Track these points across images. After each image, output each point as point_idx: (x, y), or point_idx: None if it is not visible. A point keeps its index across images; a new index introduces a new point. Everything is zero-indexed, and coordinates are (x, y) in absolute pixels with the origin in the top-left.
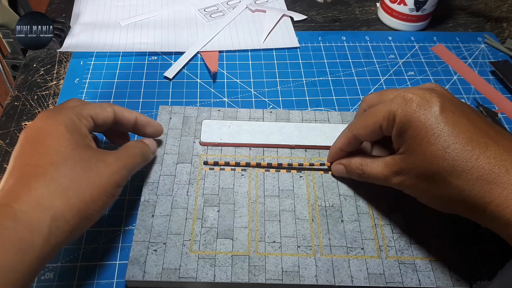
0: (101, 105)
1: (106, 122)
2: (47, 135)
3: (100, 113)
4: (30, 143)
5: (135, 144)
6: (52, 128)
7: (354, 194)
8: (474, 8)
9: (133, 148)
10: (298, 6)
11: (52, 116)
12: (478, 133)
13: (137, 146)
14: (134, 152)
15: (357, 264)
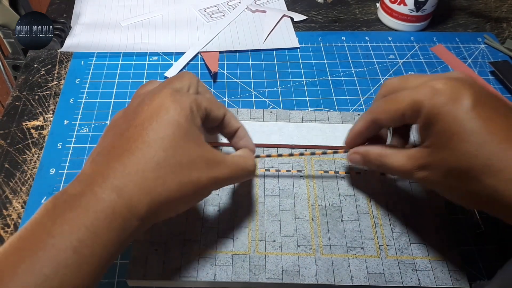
0: (217, 102)
1: (214, 122)
2: (167, 117)
3: (214, 111)
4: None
5: (249, 156)
6: (174, 112)
7: (354, 194)
8: (474, 8)
9: (245, 162)
10: (298, 7)
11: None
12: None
13: (249, 163)
14: (244, 166)
15: (357, 263)
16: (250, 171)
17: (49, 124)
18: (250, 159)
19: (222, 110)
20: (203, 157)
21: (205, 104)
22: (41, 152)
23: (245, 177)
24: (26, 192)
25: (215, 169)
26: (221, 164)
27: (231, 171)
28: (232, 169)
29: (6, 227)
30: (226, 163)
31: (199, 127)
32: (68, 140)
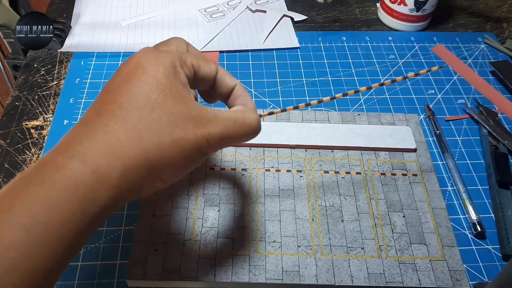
0: (205, 58)
1: (205, 79)
2: (143, 75)
3: (203, 66)
4: (123, 79)
5: (249, 110)
6: (151, 68)
7: (354, 194)
8: (474, 8)
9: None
10: (298, 7)
11: (154, 55)
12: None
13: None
14: (242, 121)
15: (357, 263)
16: (251, 125)
17: (49, 124)
18: (250, 113)
19: (214, 66)
20: (188, 114)
21: (191, 60)
22: (41, 152)
23: (247, 134)
24: None
25: (204, 126)
26: (213, 120)
27: (226, 127)
28: (227, 125)
29: None
30: (218, 119)
31: (184, 83)
32: None
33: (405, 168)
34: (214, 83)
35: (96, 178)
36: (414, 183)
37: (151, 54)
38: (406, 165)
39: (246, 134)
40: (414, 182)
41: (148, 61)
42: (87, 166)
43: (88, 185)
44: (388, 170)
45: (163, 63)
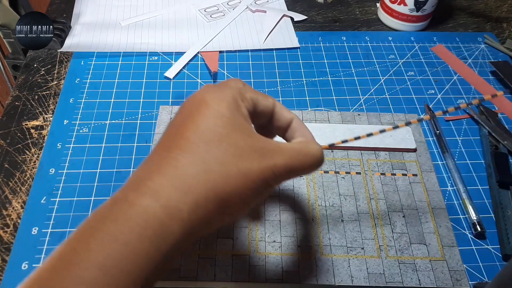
0: (263, 93)
1: (264, 112)
2: (207, 109)
3: (262, 100)
4: (188, 115)
5: (312, 141)
6: (214, 103)
7: (354, 194)
8: (474, 8)
9: (307, 147)
10: (298, 7)
11: (215, 91)
12: None
13: (313, 147)
14: (306, 151)
15: (357, 263)
16: (315, 156)
17: (48, 124)
18: (313, 144)
19: (271, 100)
20: (253, 145)
21: (250, 94)
22: (40, 152)
23: (311, 165)
24: (25, 192)
25: (269, 158)
26: (277, 151)
27: (290, 158)
28: (291, 156)
29: (5, 227)
30: (283, 150)
31: (245, 117)
32: (68, 140)
33: (405, 168)
34: (272, 116)
35: (167, 213)
36: (414, 183)
37: (213, 90)
38: (406, 165)
39: (311, 165)
40: (414, 182)
41: (210, 97)
42: (158, 201)
43: (160, 220)
44: (388, 170)
45: (225, 97)
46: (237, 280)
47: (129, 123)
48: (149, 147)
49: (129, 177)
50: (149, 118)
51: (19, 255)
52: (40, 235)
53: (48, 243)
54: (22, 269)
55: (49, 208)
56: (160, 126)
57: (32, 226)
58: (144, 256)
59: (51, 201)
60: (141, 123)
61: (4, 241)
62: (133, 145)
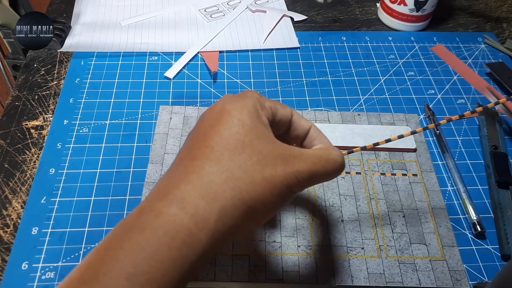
0: (281, 103)
1: (283, 120)
2: (229, 118)
3: (280, 109)
4: (210, 124)
5: (333, 149)
6: (236, 112)
7: (354, 194)
8: (474, 8)
9: (329, 153)
10: (298, 7)
11: (236, 100)
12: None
13: (334, 153)
14: (327, 157)
15: (357, 263)
16: (336, 161)
17: (48, 124)
18: (334, 150)
19: (289, 109)
20: (276, 152)
21: (269, 103)
22: (40, 152)
23: (333, 170)
24: (25, 192)
25: (291, 163)
26: (300, 157)
27: (313, 164)
28: (314, 162)
29: (5, 227)
30: (305, 156)
31: (266, 125)
32: (68, 140)
33: (405, 168)
34: (289, 126)
35: (194, 222)
36: (414, 183)
37: (234, 100)
38: (406, 165)
39: (333, 170)
40: (414, 182)
41: (232, 106)
42: (185, 210)
43: (187, 229)
44: (388, 170)
45: (246, 106)
46: (237, 280)
47: (129, 123)
48: (149, 147)
49: (155, 186)
50: (149, 118)
51: (19, 255)
52: (40, 235)
53: (48, 243)
54: (22, 269)
55: (49, 208)
56: (160, 126)
57: (32, 226)
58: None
59: (51, 201)
60: (141, 123)
61: (4, 241)
62: (133, 145)
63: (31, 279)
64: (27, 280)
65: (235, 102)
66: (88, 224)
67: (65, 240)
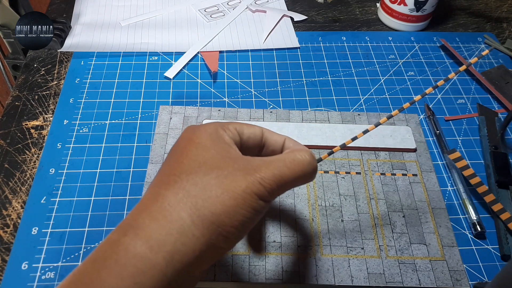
0: (247, 124)
1: (252, 139)
2: (190, 145)
3: (246, 128)
4: (174, 154)
5: (299, 151)
6: (196, 137)
7: (354, 194)
8: (474, 8)
9: (293, 155)
10: (298, 7)
11: (196, 128)
12: None
13: (300, 153)
14: (292, 159)
15: (357, 263)
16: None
17: (48, 124)
18: (301, 151)
19: (257, 127)
20: (236, 165)
21: (233, 125)
22: (40, 152)
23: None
24: (25, 192)
25: (254, 172)
26: (262, 165)
27: (277, 168)
28: (277, 166)
29: (5, 227)
30: (268, 162)
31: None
32: (68, 140)
33: (405, 168)
34: (263, 144)
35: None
36: (414, 183)
37: (195, 128)
38: (406, 165)
39: (301, 171)
40: (414, 182)
41: (192, 133)
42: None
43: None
44: (388, 170)
45: (205, 130)
46: (237, 280)
47: (129, 123)
48: (149, 147)
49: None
50: (149, 118)
51: (19, 255)
52: (40, 235)
53: (48, 243)
54: (22, 269)
55: (49, 208)
56: (160, 126)
57: (32, 226)
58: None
59: (51, 201)
60: (141, 123)
61: (4, 241)
62: (133, 145)
63: (31, 279)
64: (27, 280)
65: (195, 130)
66: (88, 224)
67: (65, 240)
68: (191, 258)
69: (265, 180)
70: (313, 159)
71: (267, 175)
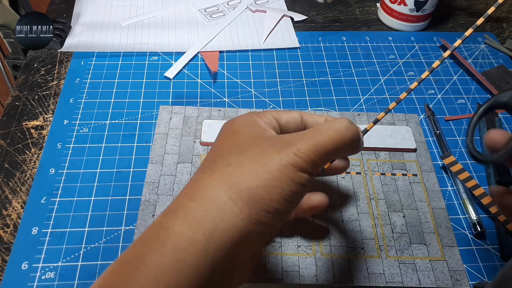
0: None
1: (291, 123)
2: (225, 134)
3: (284, 113)
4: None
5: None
6: (230, 127)
7: (354, 194)
8: (474, 8)
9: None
10: (298, 7)
11: (233, 119)
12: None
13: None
14: (327, 126)
15: (357, 263)
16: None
17: (49, 124)
18: (340, 119)
19: (295, 111)
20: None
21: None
22: (40, 152)
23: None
24: (25, 192)
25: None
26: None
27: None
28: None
29: (5, 227)
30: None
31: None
32: (68, 140)
33: (405, 168)
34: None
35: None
36: (414, 183)
37: (231, 120)
38: (406, 165)
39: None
40: (414, 182)
41: (228, 124)
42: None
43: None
44: (388, 170)
45: (240, 119)
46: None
47: (129, 123)
48: (149, 147)
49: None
50: (149, 118)
51: (19, 255)
52: (40, 235)
53: (48, 243)
54: (22, 269)
55: (49, 208)
56: (160, 126)
57: (32, 226)
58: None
59: (51, 201)
60: (141, 123)
61: (4, 241)
62: (133, 145)
63: (31, 279)
64: (27, 280)
65: (231, 121)
66: (88, 224)
67: (65, 240)
68: (233, 235)
69: (300, 150)
70: (350, 124)
71: (302, 146)
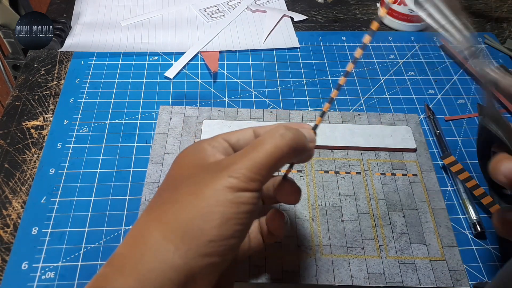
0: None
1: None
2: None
3: (234, 133)
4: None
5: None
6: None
7: (354, 194)
8: (474, 8)
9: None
10: (299, 7)
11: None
12: None
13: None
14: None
15: (357, 263)
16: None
17: (49, 124)
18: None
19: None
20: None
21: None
22: (40, 152)
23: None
24: (25, 192)
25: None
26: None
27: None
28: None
29: (5, 227)
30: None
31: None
32: (68, 140)
33: (405, 168)
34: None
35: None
36: (414, 183)
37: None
38: (406, 165)
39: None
40: (414, 182)
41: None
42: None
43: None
44: (388, 170)
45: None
46: (237, 280)
47: (129, 123)
48: (149, 147)
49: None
50: (149, 118)
51: (19, 255)
52: (40, 235)
53: (48, 243)
54: (22, 269)
55: (49, 208)
56: (160, 126)
57: (32, 226)
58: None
59: (51, 201)
60: (141, 123)
61: (4, 241)
62: (133, 145)
63: (31, 279)
64: (27, 280)
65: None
66: (88, 224)
67: (65, 240)
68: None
69: (236, 171)
70: (285, 131)
71: (238, 166)
